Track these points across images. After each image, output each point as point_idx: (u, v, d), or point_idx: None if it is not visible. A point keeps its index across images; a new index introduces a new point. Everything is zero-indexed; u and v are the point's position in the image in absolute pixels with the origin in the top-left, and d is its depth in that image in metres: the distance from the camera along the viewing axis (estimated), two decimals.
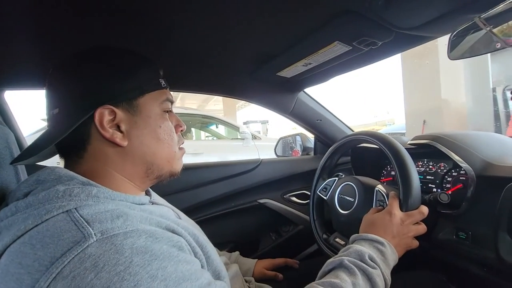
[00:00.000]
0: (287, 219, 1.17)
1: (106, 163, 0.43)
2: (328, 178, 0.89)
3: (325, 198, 0.86)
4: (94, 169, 0.42)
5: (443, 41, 0.61)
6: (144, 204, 0.44)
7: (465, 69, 3.99)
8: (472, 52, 0.58)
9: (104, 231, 0.32)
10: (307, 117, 1.19)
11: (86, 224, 0.32)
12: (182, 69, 0.86)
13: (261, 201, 1.14)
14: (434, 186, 0.85)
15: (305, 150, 1.36)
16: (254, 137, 3.78)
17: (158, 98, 0.46)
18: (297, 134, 1.41)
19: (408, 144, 0.85)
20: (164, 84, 0.49)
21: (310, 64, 0.81)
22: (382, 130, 7.13)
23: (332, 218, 0.82)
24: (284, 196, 1.18)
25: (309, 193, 1.12)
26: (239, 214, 1.12)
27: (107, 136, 0.41)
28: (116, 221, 0.34)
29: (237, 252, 0.84)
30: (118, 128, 0.42)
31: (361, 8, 0.55)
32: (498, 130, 3.67)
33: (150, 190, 0.55)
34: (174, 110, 0.52)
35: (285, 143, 1.49)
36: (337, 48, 0.69)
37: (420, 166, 0.90)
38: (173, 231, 0.39)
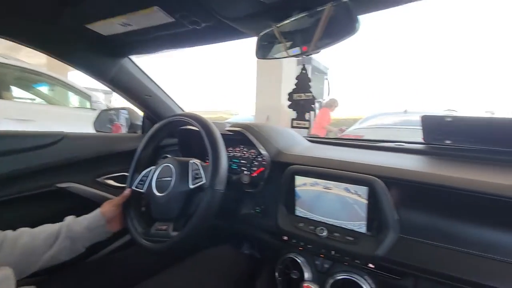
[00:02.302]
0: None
1: None
2: (144, 170, 0.81)
3: (142, 191, 0.78)
4: None
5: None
6: None
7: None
8: (276, 56, 0.68)
9: None
10: (134, 90, 1.04)
11: None
12: None
13: (62, 185, 0.90)
14: (246, 169, 0.98)
15: (132, 127, 1.20)
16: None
17: None
18: (123, 108, 1.21)
19: (226, 130, 0.93)
20: None
21: (130, 25, 0.69)
22: (232, 119, 7.61)
23: (152, 207, 0.76)
24: (98, 180, 0.99)
25: None
26: (26, 203, 0.85)
27: None
28: None
29: (71, 217, 0.73)
30: None
31: None
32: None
33: None
34: None
35: (107, 116, 1.25)
36: (159, 16, 0.62)
37: (237, 151, 1.00)
38: None
